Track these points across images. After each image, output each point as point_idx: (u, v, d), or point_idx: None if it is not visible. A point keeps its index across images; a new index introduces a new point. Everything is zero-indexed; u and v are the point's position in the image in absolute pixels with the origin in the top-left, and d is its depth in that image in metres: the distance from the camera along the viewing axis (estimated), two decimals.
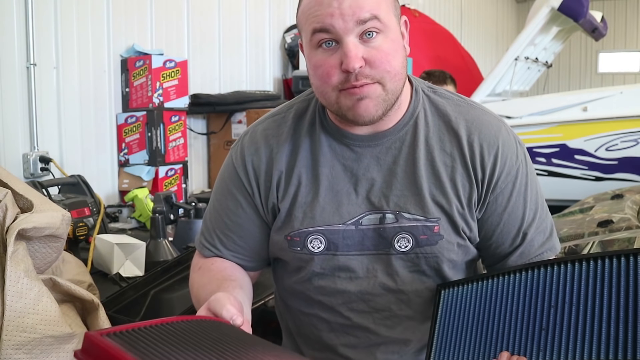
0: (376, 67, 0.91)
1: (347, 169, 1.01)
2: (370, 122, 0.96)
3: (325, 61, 0.92)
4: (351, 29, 0.89)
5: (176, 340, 0.65)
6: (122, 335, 0.64)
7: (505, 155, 1.01)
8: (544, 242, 1.04)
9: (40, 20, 2.23)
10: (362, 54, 0.90)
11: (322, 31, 0.90)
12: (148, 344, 0.63)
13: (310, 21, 0.92)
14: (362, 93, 0.92)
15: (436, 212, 0.99)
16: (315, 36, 0.91)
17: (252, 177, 1.04)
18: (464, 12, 6.88)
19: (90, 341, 0.61)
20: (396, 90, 0.95)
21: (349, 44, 0.89)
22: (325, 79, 0.92)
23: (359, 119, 0.94)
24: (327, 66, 0.92)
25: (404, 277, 1.01)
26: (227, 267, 1.06)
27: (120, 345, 0.60)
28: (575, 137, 3.41)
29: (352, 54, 0.89)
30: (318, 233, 1.01)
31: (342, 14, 0.88)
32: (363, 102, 0.92)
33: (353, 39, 0.90)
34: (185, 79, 2.73)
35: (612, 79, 8.01)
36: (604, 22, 4.26)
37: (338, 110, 0.95)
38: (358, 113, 0.93)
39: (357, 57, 0.89)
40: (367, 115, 0.93)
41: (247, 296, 1.00)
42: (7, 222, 1.21)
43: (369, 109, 0.93)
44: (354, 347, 1.05)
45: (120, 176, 2.64)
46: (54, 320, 1.18)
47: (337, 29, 0.89)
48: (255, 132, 1.07)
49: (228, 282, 0.99)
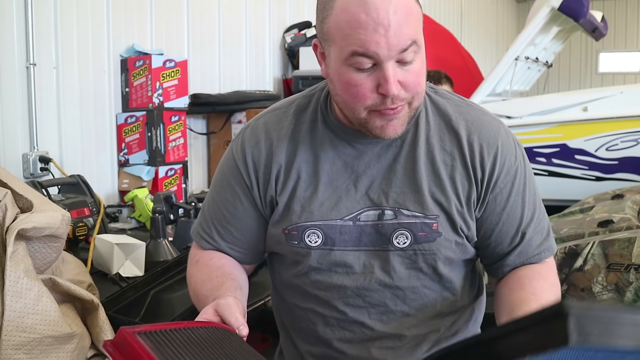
0: (410, 90, 0.92)
1: (348, 165, 1.02)
2: (394, 138, 0.99)
3: (361, 82, 0.91)
4: (393, 57, 0.89)
5: (195, 349, 0.70)
6: (152, 335, 0.66)
7: (504, 155, 1.02)
8: (542, 242, 1.05)
9: (40, 20, 2.23)
10: (399, 77, 0.91)
11: (364, 56, 0.89)
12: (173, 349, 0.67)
13: (349, 41, 0.89)
14: (395, 115, 0.94)
15: (435, 210, 1.00)
16: (355, 58, 0.90)
17: (252, 170, 1.05)
18: (464, 11, 6.88)
19: (123, 337, 0.65)
20: (419, 106, 0.98)
21: (389, 70, 0.89)
22: (360, 99, 0.92)
23: (385, 137, 0.97)
24: (363, 88, 0.91)
25: (401, 273, 1.02)
26: (225, 264, 1.07)
27: (149, 347, 0.64)
28: (575, 137, 3.41)
29: (392, 80, 0.89)
30: (315, 227, 1.01)
31: (388, 43, 0.87)
32: (392, 123, 0.95)
33: (392, 63, 0.90)
34: (185, 79, 2.73)
35: (613, 79, 8.01)
36: (604, 22, 4.26)
37: (363, 126, 0.96)
38: (386, 133, 0.96)
39: (396, 83, 0.90)
40: (394, 134, 0.96)
41: (245, 297, 1.02)
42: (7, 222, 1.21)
43: (396, 129, 0.96)
44: (349, 341, 1.06)
45: (120, 176, 2.64)
46: (53, 320, 1.18)
47: (380, 56, 0.89)
48: (257, 126, 1.08)
49: (229, 281, 1.00)
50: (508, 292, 1.01)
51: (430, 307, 1.05)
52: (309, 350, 1.10)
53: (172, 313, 1.45)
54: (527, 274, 1.02)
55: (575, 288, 1.57)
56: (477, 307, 1.14)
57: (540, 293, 0.97)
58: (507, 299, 0.99)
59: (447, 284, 1.05)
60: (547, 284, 1.01)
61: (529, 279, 1.01)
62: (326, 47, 0.95)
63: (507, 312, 0.95)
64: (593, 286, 1.54)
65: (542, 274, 1.02)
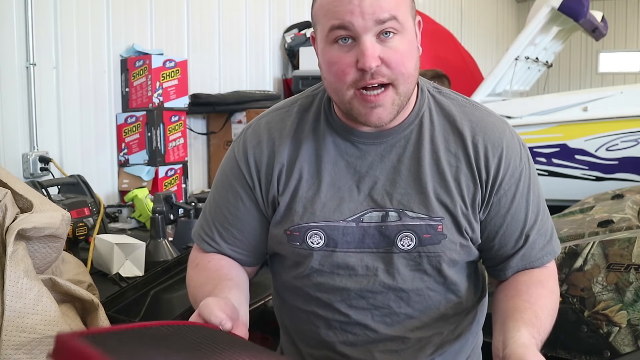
0: (392, 68, 0.91)
1: (351, 165, 1.01)
2: (381, 126, 0.97)
3: (341, 58, 0.92)
4: (370, 28, 0.89)
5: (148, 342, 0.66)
6: (94, 337, 0.64)
7: (509, 157, 1.01)
8: (545, 245, 1.04)
9: (40, 20, 2.23)
10: (379, 53, 0.90)
11: (340, 28, 0.90)
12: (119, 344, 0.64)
13: (328, 16, 0.91)
14: (377, 101, 0.92)
15: (440, 211, 0.99)
16: (333, 32, 0.91)
17: (254, 170, 1.04)
18: (464, 11, 6.88)
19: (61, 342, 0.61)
20: (408, 92, 0.96)
21: (366, 42, 0.89)
22: (341, 76, 0.92)
23: (370, 124, 0.96)
24: (342, 64, 0.91)
25: (405, 275, 1.01)
26: (223, 266, 1.06)
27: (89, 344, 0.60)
28: (575, 137, 3.40)
29: (369, 53, 0.89)
30: (318, 228, 1.00)
31: (362, 12, 0.88)
32: (376, 111, 0.93)
33: (371, 37, 0.89)
34: (185, 78, 2.73)
35: (613, 79, 8.01)
36: (604, 21, 4.25)
37: (349, 111, 0.96)
38: (370, 120, 0.94)
39: (373, 56, 0.89)
40: (379, 122, 0.95)
41: (244, 296, 0.99)
42: (7, 222, 1.21)
43: (381, 117, 0.94)
44: (352, 344, 1.05)
45: (120, 176, 2.64)
46: (53, 320, 1.18)
47: (355, 26, 0.89)
48: (259, 125, 1.07)
49: (224, 282, 0.98)
50: (504, 299, 0.99)
51: (434, 309, 1.04)
52: (311, 353, 1.09)
53: (172, 313, 1.45)
54: (526, 280, 1.01)
55: (575, 288, 1.57)
56: (480, 309, 1.13)
57: (535, 300, 0.96)
58: (503, 306, 0.98)
59: (451, 285, 1.04)
60: (546, 291, 1.00)
61: (527, 286, 1.00)
62: (315, 31, 0.97)
63: (501, 320, 0.94)
64: (593, 286, 1.54)
65: (540, 280, 1.01)
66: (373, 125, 0.96)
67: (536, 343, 0.86)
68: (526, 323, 0.89)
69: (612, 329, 1.51)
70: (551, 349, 1.58)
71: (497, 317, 0.97)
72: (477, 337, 1.15)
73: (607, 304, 1.53)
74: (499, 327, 0.92)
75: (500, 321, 0.94)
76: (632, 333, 1.49)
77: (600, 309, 1.53)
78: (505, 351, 0.83)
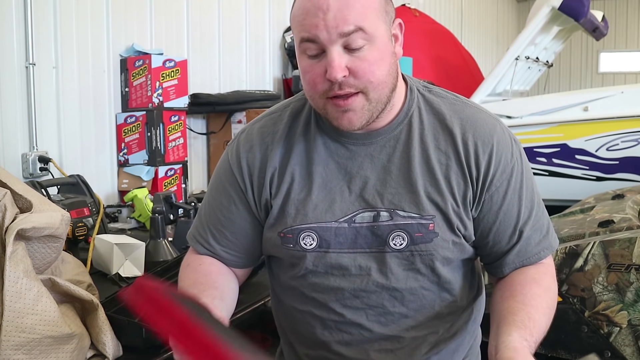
0: (359, 77, 0.93)
1: (341, 166, 1.02)
2: (355, 130, 0.99)
3: (312, 68, 0.94)
4: (335, 40, 0.91)
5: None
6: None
7: (500, 153, 1.01)
8: (541, 240, 1.04)
9: (40, 20, 2.23)
10: (346, 63, 0.92)
11: (309, 41, 0.93)
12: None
13: (299, 29, 0.94)
14: (346, 106, 0.94)
15: (431, 210, 0.99)
16: (303, 44, 0.94)
17: (246, 174, 1.06)
18: (464, 11, 6.88)
19: (140, 284, 0.69)
20: (380, 98, 0.97)
21: (332, 53, 0.91)
22: (312, 85, 0.95)
23: (343, 128, 0.98)
24: (313, 74, 0.94)
25: (398, 275, 1.01)
26: (212, 272, 1.07)
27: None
28: (576, 137, 3.40)
29: (335, 64, 0.91)
30: (310, 230, 1.01)
31: (327, 25, 0.90)
32: (347, 115, 0.95)
33: (337, 48, 0.91)
34: (184, 78, 2.73)
35: (613, 79, 8.01)
36: (604, 21, 4.25)
37: (325, 116, 0.99)
38: (342, 124, 0.97)
39: (340, 68, 0.91)
40: (350, 126, 0.97)
41: (227, 307, 1.01)
42: (6, 222, 1.21)
43: (352, 121, 0.96)
44: (347, 344, 1.05)
45: (119, 176, 2.64)
46: (53, 320, 1.18)
47: (321, 39, 0.91)
48: (252, 130, 1.09)
49: (210, 290, 1.00)
50: (500, 300, 0.99)
51: (428, 308, 1.04)
52: (308, 354, 1.09)
53: None
54: (520, 280, 1.01)
55: (576, 288, 1.57)
56: (476, 308, 1.13)
57: (529, 301, 0.96)
58: (498, 308, 0.98)
59: (445, 284, 1.04)
60: (540, 289, 0.99)
61: (521, 286, 1.00)
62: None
63: (496, 324, 0.94)
64: (593, 286, 1.54)
65: (535, 279, 1.01)
66: (345, 128, 0.97)
67: (528, 345, 0.87)
68: (518, 326, 0.89)
69: (612, 329, 1.51)
70: (552, 349, 1.58)
71: (493, 319, 0.98)
72: (475, 335, 1.15)
73: (607, 304, 1.53)
74: (494, 331, 0.93)
75: (495, 324, 0.94)
76: (633, 333, 1.49)
77: (601, 309, 1.53)
78: (497, 356, 0.84)
